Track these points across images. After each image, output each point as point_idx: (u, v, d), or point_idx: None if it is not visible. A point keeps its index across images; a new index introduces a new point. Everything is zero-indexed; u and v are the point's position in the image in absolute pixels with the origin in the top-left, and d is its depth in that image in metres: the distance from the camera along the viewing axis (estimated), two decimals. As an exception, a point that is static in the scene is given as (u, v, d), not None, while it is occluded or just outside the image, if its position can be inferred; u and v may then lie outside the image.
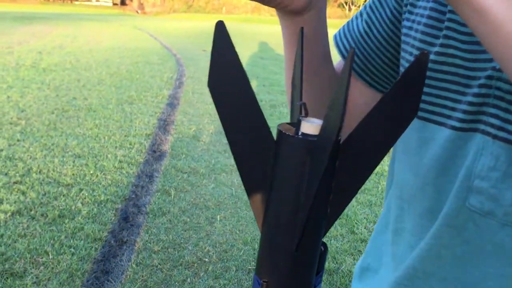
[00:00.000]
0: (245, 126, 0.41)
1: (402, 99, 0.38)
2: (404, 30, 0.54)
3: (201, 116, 4.83)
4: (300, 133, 0.39)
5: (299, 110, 0.42)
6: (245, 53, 9.71)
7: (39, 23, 14.00)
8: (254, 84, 6.48)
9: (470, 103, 0.44)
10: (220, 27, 0.38)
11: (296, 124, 0.41)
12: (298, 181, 0.39)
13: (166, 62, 8.16)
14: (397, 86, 0.38)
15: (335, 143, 0.34)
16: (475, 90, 0.44)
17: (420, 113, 0.49)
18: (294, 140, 0.39)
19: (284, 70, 0.59)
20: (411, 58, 0.50)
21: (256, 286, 0.41)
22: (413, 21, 0.52)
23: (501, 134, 0.42)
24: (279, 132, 0.40)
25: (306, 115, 0.41)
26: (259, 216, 0.42)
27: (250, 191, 0.42)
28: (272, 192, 0.41)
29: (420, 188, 0.52)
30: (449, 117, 0.47)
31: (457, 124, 0.46)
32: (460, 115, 0.46)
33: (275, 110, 5.41)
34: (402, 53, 0.54)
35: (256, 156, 0.41)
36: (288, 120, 0.41)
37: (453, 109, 0.47)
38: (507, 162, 0.42)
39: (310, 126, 0.39)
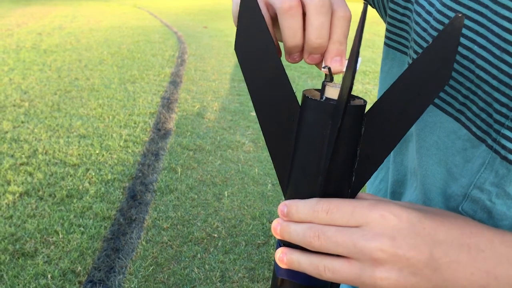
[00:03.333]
0: (270, 90, 0.40)
1: (433, 65, 0.36)
2: None
3: (205, 94, 4.79)
4: (323, 98, 0.38)
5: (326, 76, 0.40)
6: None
7: (37, 4, 13.83)
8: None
9: (483, 110, 0.41)
10: None
11: (321, 89, 0.40)
12: (320, 145, 0.38)
13: (167, 40, 8.07)
14: (428, 51, 0.36)
15: (347, 102, 0.34)
16: (494, 103, 0.40)
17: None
18: (316, 104, 0.38)
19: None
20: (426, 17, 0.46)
21: (278, 247, 0.42)
22: None
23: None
24: (304, 97, 0.39)
25: (331, 80, 0.39)
26: (283, 181, 0.42)
27: (274, 155, 0.41)
28: (295, 156, 0.40)
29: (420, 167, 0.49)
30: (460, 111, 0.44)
31: (470, 125, 0.43)
32: (470, 115, 0.42)
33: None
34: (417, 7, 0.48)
35: (280, 120, 0.40)
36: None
37: (463, 104, 0.43)
38: (510, 182, 0.40)
39: (334, 91, 0.38)
